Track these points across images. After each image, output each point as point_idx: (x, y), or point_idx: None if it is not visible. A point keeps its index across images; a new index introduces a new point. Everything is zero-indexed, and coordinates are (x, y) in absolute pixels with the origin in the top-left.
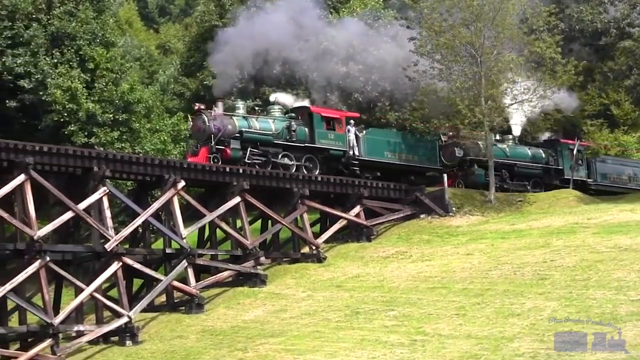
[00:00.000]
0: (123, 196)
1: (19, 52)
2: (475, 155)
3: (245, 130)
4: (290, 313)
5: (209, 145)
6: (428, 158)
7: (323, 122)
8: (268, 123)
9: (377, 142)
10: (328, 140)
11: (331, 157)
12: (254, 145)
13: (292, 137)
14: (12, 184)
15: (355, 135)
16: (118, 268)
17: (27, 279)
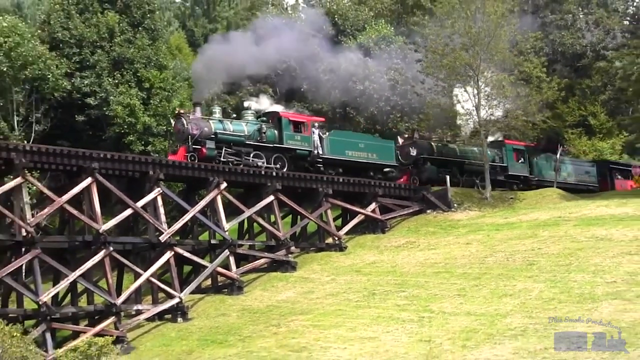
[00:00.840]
0: (174, 195)
1: (85, 74)
2: (429, 154)
3: (220, 132)
4: (317, 294)
5: (187, 145)
6: (385, 156)
7: (290, 125)
8: (241, 126)
9: (339, 142)
10: (295, 141)
11: (298, 156)
12: (228, 145)
13: (262, 139)
14: (80, 185)
15: (319, 137)
16: (170, 256)
17: (94, 266)
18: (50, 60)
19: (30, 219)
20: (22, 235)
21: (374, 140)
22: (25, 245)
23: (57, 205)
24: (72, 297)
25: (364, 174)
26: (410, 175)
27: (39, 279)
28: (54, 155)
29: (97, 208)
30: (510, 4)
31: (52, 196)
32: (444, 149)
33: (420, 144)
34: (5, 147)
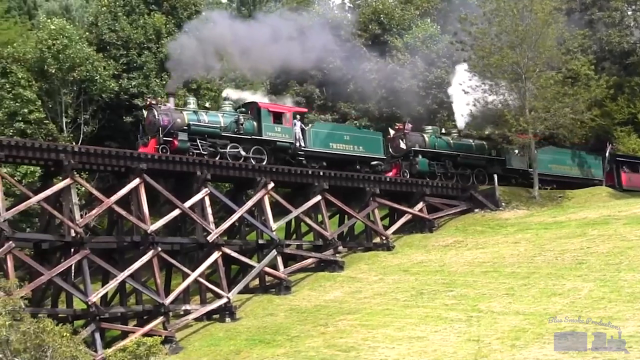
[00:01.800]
0: (222, 195)
1: (133, 75)
2: (420, 146)
3: (193, 123)
4: (365, 294)
5: (158, 136)
6: (373, 149)
7: (270, 116)
8: (217, 117)
9: (322, 134)
10: (275, 132)
11: (278, 148)
12: (202, 137)
13: (239, 130)
14: (129, 186)
15: (301, 129)
16: (218, 256)
17: (142, 266)
18: (98, 62)
19: (79, 219)
20: (72, 236)
21: (360, 132)
22: (74, 246)
23: (106, 206)
24: (121, 297)
25: (350, 168)
26: (400, 169)
27: (88, 279)
28: (102, 156)
29: (145, 208)
30: (557, 2)
31: (100, 197)
32: (436, 142)
33: (411, 136)
34: (54, 148)
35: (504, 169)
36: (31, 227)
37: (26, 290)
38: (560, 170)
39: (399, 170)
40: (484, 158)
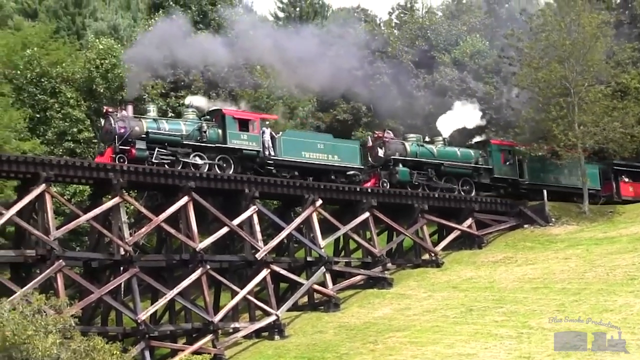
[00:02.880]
0: (270, 213)
1: (181, 94)
2: (400, 155)
3: (152, 132)
4: (414, 310)
5: (114, 145)
6: (348, 158)
7: (236, 124)
8: (178, 125)
9: (294, 142)
10: (241, 140)
11: (245, 157)
12: (162, 145)
13: (203, 138)
14: (177, 204)
15: (271, 137)
16: (267, 274)
17: (191, 284)
18: (146, 81)
19: (128, 238)
20: (121, 254)
21: (335, 140)
22: (123, 264)
23: (155, 224)
24: (170, 315)
25: (325, 178)
26: (378, 179)
27: (138, 297)
28: (150, 175)
29: (194, 226)
30: (605, 15)
31: (149, 215)
32: (419, 150)
33: (391, 144)
34: (103, 167)
35: (492, 178)
36: (81, 245)
37: (76, 308)
38: (552, 179)
39: (377, 180)
40: (470, 167)
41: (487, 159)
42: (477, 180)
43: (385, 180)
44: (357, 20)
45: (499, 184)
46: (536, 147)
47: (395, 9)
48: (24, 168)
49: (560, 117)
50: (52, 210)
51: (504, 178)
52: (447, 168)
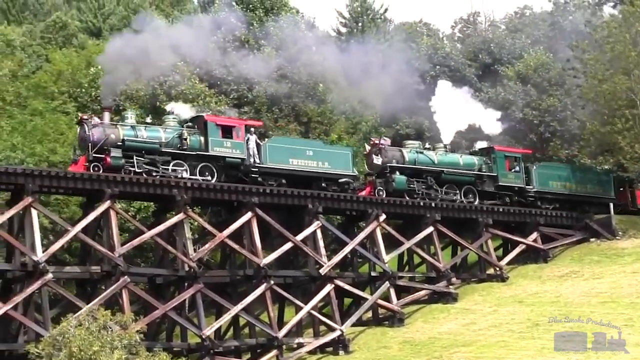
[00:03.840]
0: (334, 228)
1: (244, 110)
2: (398, 162)
3: (128, 139)
4: (479, 325)
5: (87, 153)
6: (340, 165)
7: (218, 130)
8: (157, 132)
9: (280, 149)
10: (224, 148)
11: (228, 165)
12: (139, 153)
13: (183, 146)
14: (241, 220)
15: (256, 144)
16: (331, 289)
17: (255, 300)
18: (210, 97)
19: (192, 254)
20: (185, 270)
21: (325, 147)
22: (188, 280)
23: (218, 240)
24: (235, 331)
25: (315, 186)
26: (373, 187)
27: (202, 312)
28: (214, 191)
29: (258, 242)
30: None
31: (213, 231)
32: (418, 157)
33: (388, 152)
34: (167, 184)
35: (496, 186)
36: (145, 261)
37: (141, 324)
38: (562, 187)
39: (372, 189)
40: (473, 174)
41: (492, 166)
42: (480, 188)
43: (381, 188)
44: (420, 34)
45: (503, 192)
46: (602, 160)
47: (458, 22)
48: (89, 185)
49: (626, 129)
50: (116, 227)
51: (510, 186)
52: (447, 176)
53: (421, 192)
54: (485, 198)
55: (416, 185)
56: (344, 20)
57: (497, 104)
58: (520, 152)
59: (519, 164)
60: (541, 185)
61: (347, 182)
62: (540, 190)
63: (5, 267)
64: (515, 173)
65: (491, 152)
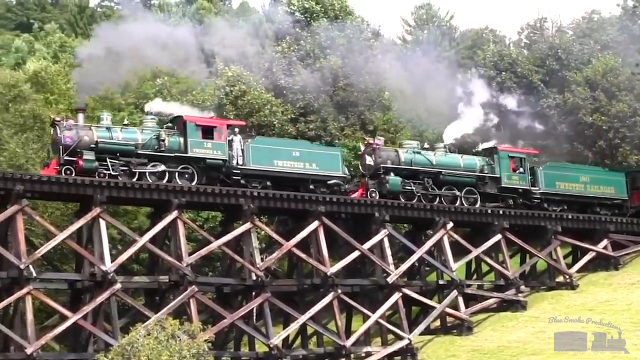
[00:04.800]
0: (401, 236)
1: (310, 119)
2: (392, 163)
3: (102, 141)
4: (549, 334)
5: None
6: (329, 166)
7: (198, 131)
8: (134, 133)
9: (264, 150)
10: (204, 149)
11: (209, 167)
12: (114, 156)
13: (161, 147)
14: (308, 229)
15: (240, 145)
16: (398, 298)
17: (322, 309)
18: (276, 107)
19: (259, 263)
20: (253, 279)
21: (313, 147)
22: (255, 289)
23: (286, 249)
24: (303, 340)
25: (303, 188)
26: (366, 188)
27: (270, 322)
28: (281, 200)
29: (325, 251)
30: None
31: (280, 240)
32: (414, 158)
33: (382, 152)
34: (234, 193)
35: (499, 187)
36: (213, 271)
37: (209, 333)
38: (570, 188)
39: (365, 191)
40: (474, 175)
41: (494, 167)
42: (482, 190)
43: (374, 190)
44: (486, 41)
45: (507, 194)
46: None
47: (525, 28)
48: (156, 195)
49: None
50: (184, 237)
51: (514, 188)
52: (446, 177)
53: (418, 193)
54: (487, 200)
55: (413, 187)
56: (409, 28)
57: (565, 109)
58: (525, 152)
59: (524, 165)
60: (548, 186)
61: (336, 184)
62: (547, 191)
63: (75, 277)
64: (519, 174)
65: (494, 153)
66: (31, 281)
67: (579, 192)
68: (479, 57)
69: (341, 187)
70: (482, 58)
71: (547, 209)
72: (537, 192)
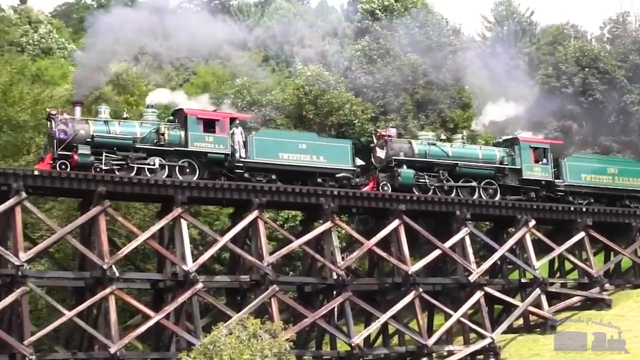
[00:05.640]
0: (482, 235)
1: (390, 117)
2: (406, 155)
3: (99, 135)
4: (634, 332)
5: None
6: (337, 159)
7: (199, 124)
8: (132, 127)
9: (269, 143)
10: (205, 143)
11: (211, 161)
12: (111, 150)
13: (160, 141)
14: (388, 227)
15: (243, 138)
16: (480, 296)
17: (404, 307)
18: (356, 106)
19: (340, 262)
20: (334, 278)
21: (321, 139)
22: (336, 288)
23: (366, 248)
24: (384, 339)
25: (310, 182)
26: (377, 182)
27: (351, 321)
28: (361, 199)
29: (406, 249)
30: None
31: (360, 239)
32: (429, 149)
33: (394, 144)
34: (314, 192)
35: (520, 179)
36: (294, 270)
37: (291, 332)
38: (597, 180)
39: (375, 184)
40: (492, 167)
41: (515, 158)
42: (502, 182)
43: (385, 183)
44: (567, 36)
45: (529, 186)
46: None
47: (607, 23)
48: (237, 195)
49: None
50: (265, 236)
51: (536, 180)
52: (463, 169)
53: (433, 186)
54: (507, 193)
55: (427, 180)
56: (489, 25)
57: None
58: (548, 142)
59: (547, 156)
60: (573, 178)
61: (345, 177)
62: (572, 183)
63: (157, 277)
64: (542, 166)
65: (515, 143)
66: (114, 281)
67: (607, 184)
68: (560, 53)
69: (351, 181)
70: (564, 54)
71: (572, 202)
72: (562, 185)
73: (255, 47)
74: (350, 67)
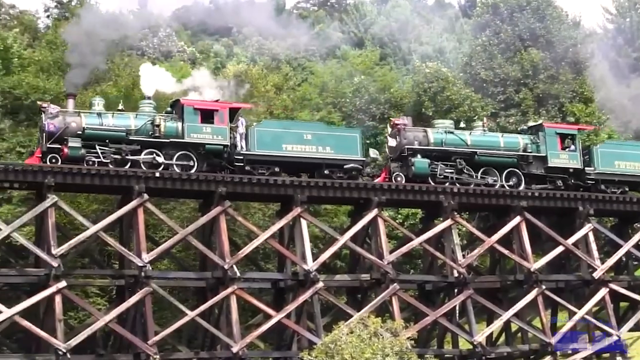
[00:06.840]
0: (607, 230)
1: (511, 112)
2: (420, 144)
3: (89, 127)
4: None
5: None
6: (345, 149)
7: (197, 115)
8: (126, 119)
9: (271, 134)
10: (203, 134)
11: (209, 152)
12: (103, 143)
13: (156, 133)
14: (509, 224)
15: (245, 128)
16: (605, 293)
17: (526, 305)
18: (476, 102)
19: (461, 260)
20: (455, 276)
21: (328, 129)
22: (457, 286)
23: (487, 246)
24: (507, 337)
25: (318, 173)
26: (389, 172)
27: (473, 319)
28: (481, 196)
29: (528, 246)
30: None
31: (481, 236)
32: (446, 138)
33: (408, 133)
34: (434, 190)
35: (546, 167)
36: (414, 268)
37: (412, 331)
38: (632, 168)
39: (387, 174)
40: (515, 155)
41: (540, 145)
42: (526, 171)
43: (398, 173)
44: None
45: (555, 175)
46: None
47: None
48: (356, 194)
49: None
50: (385, 235)
51: (563, 168)
52: (482, 157)
53: (451, 176)
54: (532, 182)
55: (443, 169)
56: (610, 16)
57: None
58: (576, 128)
59: (576, 143)
60: (605, 165)
61: (354, 168)
62: (604, 171)
63: (278, 277)
64: (570, 153)
65: (540, 130)
66: (235, 281)
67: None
68: None
69: (359, 172)
70: None
71: (606, 190)
72: (592, 173)
73: (372, 45)
74: (470, 62)
